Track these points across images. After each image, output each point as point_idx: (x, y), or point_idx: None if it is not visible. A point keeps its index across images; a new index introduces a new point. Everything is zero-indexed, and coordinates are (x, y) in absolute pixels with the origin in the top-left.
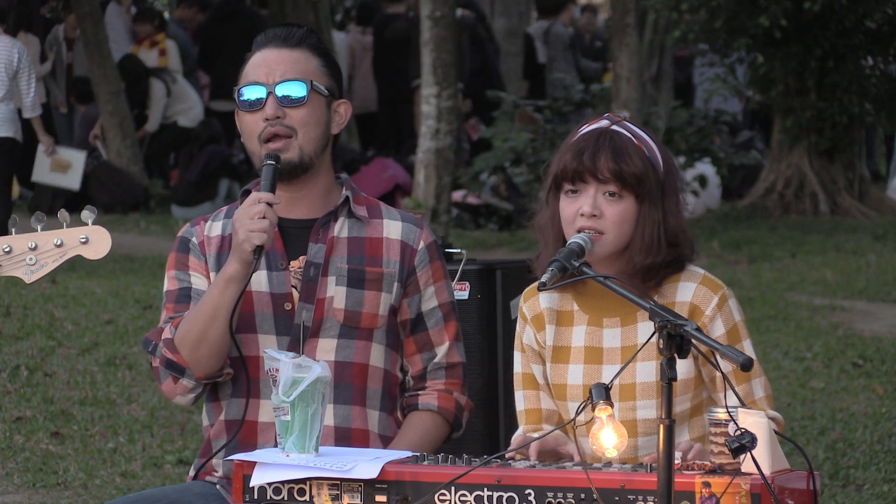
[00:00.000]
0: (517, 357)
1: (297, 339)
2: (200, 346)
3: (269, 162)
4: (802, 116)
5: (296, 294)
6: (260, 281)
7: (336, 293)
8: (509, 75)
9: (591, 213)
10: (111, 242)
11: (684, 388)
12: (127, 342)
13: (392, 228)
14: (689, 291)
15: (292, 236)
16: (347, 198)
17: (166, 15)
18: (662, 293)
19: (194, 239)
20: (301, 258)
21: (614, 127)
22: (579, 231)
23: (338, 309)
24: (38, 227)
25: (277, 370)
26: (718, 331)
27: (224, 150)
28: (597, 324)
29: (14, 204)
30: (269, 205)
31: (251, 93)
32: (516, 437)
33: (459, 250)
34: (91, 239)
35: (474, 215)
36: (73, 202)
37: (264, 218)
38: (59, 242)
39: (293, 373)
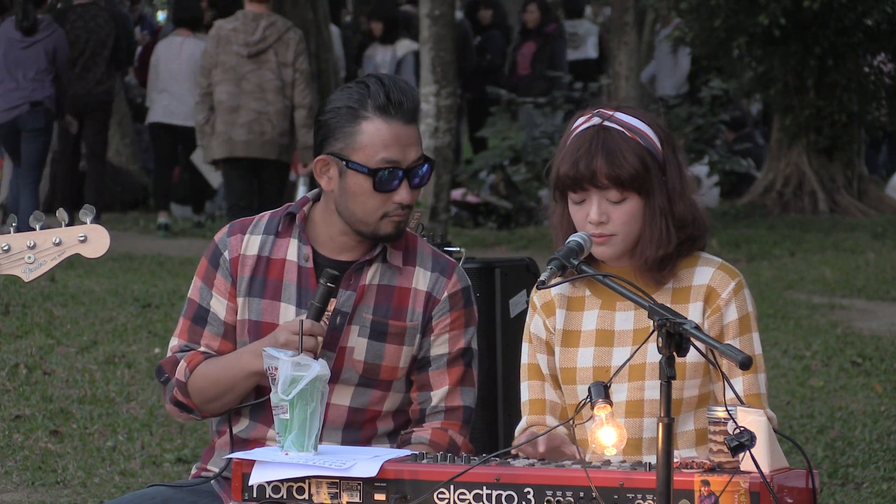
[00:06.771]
0: (524, 348)
1: None
2: (212, 403)
3: (329, 284)
4: (801, 115)
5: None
6: (288, 315)
7: (357, 344)
8: None
9: (598, 221)
10: (109, 241)
11: (694, 371)
12: (126, 341)
13: (421, 279)
14: (706, 275)
15: None
16: (385, 246)
17: (160, 15)
18: (679, 277)
19: (226, 254)
20: (332, 301)
21: (606, 124)
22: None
23: (357, 360)
24: (37, 226)
25: (276, 368)
26: (731, 316)
27: None
28: (610, 307)
29: None
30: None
31: (389, 174)
32: (520, 429)
33: (458, 249)
34: (89, 237)
35: (473, 214)
36: (73, 201)
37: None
38: (57, 241)
39: (292, 371)
